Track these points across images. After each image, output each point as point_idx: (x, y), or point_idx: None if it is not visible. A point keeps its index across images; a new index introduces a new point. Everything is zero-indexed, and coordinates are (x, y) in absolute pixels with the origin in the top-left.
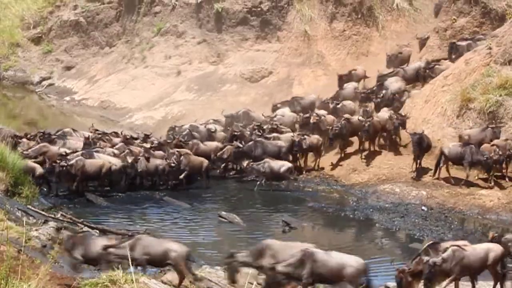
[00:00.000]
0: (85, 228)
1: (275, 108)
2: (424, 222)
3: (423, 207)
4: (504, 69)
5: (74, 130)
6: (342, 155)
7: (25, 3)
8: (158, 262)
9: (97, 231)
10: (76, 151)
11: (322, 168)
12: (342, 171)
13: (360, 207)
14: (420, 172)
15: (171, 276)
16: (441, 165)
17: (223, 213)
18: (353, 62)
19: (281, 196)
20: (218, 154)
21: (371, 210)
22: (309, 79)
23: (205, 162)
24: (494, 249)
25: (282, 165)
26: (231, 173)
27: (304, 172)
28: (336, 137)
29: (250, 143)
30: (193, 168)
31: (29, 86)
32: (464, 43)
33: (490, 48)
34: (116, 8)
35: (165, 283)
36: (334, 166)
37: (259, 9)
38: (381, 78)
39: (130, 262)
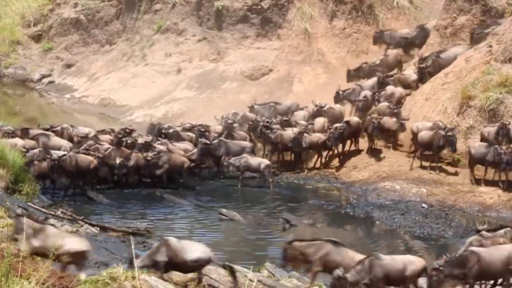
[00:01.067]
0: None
1: (251, 108)
2: (424, 220)
3: (423, 205)
4: (505, 67)
5: (72, 126)
6: (341, 157)
7: (25, 1)
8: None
9: (98, 228)
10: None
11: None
12: (342, 169)
13: (360, 204)
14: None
15: (172, 273)
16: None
17: (224, 210)
18: (353, 60)
19: (281, 194)
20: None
21: (371, 207)
22: (309, 77)
23: (187, 162)
24: (415, 262)
25: (261, 162)
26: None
27: (305, 170)
28: (336, 140)
29: (215, 141)
30: (173, 166)
31: (29, 83)
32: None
33: (490, 46)
34: (117, 6)
35: (165, 280)
36: (334, 163)
37: (259, 7)
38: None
39: None
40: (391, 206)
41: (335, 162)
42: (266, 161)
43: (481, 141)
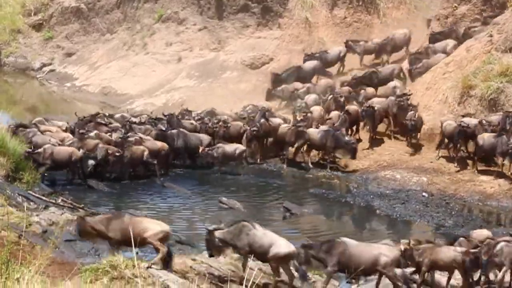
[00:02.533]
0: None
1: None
2: (425, 209)
3: (424, 194)
4: (505, 56)
5: (46, 120)
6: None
7: None
8: None
9: None
10: None
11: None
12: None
13: (360, 193)
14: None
15: (172, 262)
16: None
17: (224, 199)
18: None
19: (281, 182)
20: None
21: (371, 196)
22: None
23: (146, 151)
24: (387, 253)
25: (236, 148)
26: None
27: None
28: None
29: (174, 131)
30: (134, 158)
31: (30, 72)
32: None
33: (491, 36)
34: None
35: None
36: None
37: None
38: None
39: None
40: (392, 195)
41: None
42: (241, 147)
43: None
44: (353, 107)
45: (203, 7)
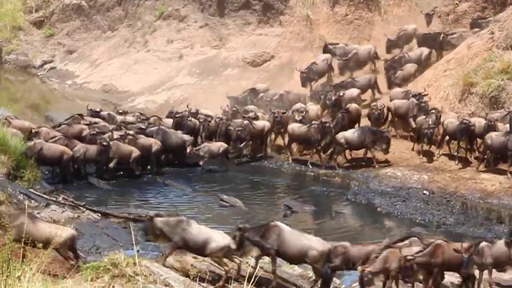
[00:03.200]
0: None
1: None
2: (425, 206)
3: (424, 191)
4: (507, 53)
5: (15, 117)
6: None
7: None
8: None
9: (99, 214)
10: None
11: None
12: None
13: (361, 191)
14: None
15: (173, 259)
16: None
17: (225, 196)
18: None
19: (282, 180)
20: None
21: (372, 194)
22: None
23: (136, 152)
24: (316, 247)
25: (220, 146)
26: None
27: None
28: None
29: (154, 128)
30: (122, 157)
31: (31, 69)
32: None
33: (492, 33)
34: None
35: (166, 267)
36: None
37: None
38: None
39: None
40: (393, 192)
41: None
42: (224, 145)
43: None
44: (353, 105)
45: (204, 4)
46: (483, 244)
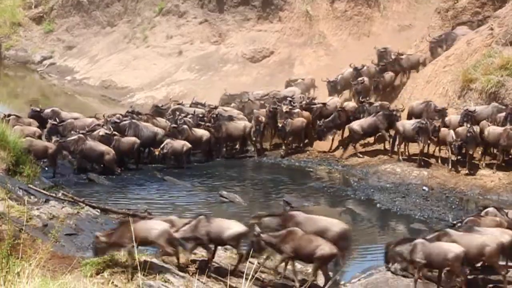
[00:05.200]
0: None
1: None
2: (425, 202)
3: (424, 187)
4: (506, 49)
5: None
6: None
7: None
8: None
9: (99, 210)
10: None
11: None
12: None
13: (361, 187)
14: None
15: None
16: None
17: (224, 192)
18: (355, 42)
19: (282, 176)
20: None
21: (372, 190)
22: (311, 59)
23: (137, 142)
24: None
25: (184, 144)
26: None
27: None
28: (329, 129)
29: (126, 122)
30: (86, 155)
31: (31, 65)
32: None
33: (492, 29)
34: None
35: (166, 263)
36: (335, 146)
37: None
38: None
39: None
40: (392, 188)
41: (336, 144)
42: (188, 144)
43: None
44: (351, 104)
45: (204, 0)
46: (418, 241)
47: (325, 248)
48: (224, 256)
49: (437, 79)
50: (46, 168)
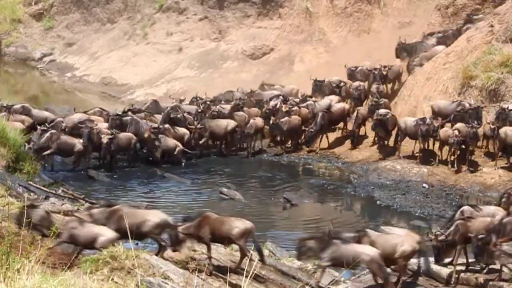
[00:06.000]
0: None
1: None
2: (425, 200)
3: (424, 185)
4: (506, 46)
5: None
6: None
7: None
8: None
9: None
10: None
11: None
12: (343, 148)
13: (361, 184)
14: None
15: (173, 252)
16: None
17: (224, 189)
18: (355, 39)
19: (282, 173)
20: None
21: (372, 187)
22: (311, 56)
23: (134, 138)
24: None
25: (176, 144)
26: None
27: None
28: (318, 131)
29: (128, 117)
30: (61, 149)
31: (31, 62)
32: None
33: (492, 26)
34: None
35: (166, 260)
36: (335, 143)
37: None
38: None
39: None
40: (392, 186)
41: (336, 142)
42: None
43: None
44: (340, 105)
45: None
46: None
47: (239, 225)
48: (224, 253)
49: (437, 76)
50: (46, 165)
